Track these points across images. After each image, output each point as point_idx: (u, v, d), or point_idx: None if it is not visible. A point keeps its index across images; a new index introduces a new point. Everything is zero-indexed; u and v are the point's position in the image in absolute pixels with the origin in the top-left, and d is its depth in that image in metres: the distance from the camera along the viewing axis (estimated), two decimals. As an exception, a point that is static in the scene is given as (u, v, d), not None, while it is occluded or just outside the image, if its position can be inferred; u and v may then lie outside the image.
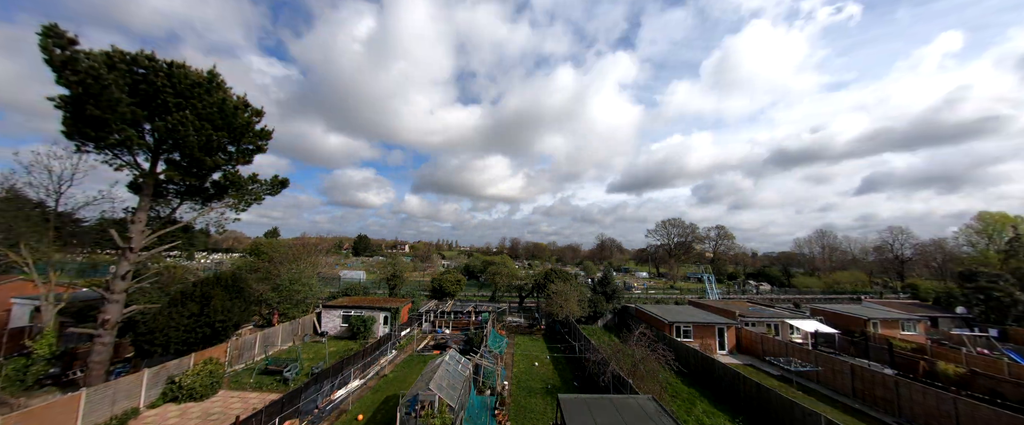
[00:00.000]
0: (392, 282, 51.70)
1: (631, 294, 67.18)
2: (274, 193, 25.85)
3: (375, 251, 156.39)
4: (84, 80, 16.80)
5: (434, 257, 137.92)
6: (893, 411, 20.37)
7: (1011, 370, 24.65)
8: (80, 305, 26.01)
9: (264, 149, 24.45)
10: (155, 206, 23.99)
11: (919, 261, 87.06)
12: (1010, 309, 39.34)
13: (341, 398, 20.75)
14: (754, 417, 19.45)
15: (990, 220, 68.95)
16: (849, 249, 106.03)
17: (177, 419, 18.01)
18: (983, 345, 34.01)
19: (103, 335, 19.92)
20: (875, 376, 21.91)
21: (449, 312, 42.15)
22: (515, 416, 19.21)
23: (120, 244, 20.70)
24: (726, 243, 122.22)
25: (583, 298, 42.63)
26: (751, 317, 36.50)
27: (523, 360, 29.45)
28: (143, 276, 25.23)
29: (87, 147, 20.31)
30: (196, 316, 23.11)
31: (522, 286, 54.52)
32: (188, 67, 20.17)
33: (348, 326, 34.96)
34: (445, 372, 18.94)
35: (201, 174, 23.05)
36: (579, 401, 14.43)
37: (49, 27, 16.59)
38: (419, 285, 60.64)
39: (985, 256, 63.32)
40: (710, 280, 73.87)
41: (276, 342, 30.14)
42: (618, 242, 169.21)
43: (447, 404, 16.34)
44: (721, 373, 23.28)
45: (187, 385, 19.70)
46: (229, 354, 24.88)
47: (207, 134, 20.25)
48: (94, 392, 16.71)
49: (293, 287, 35.89)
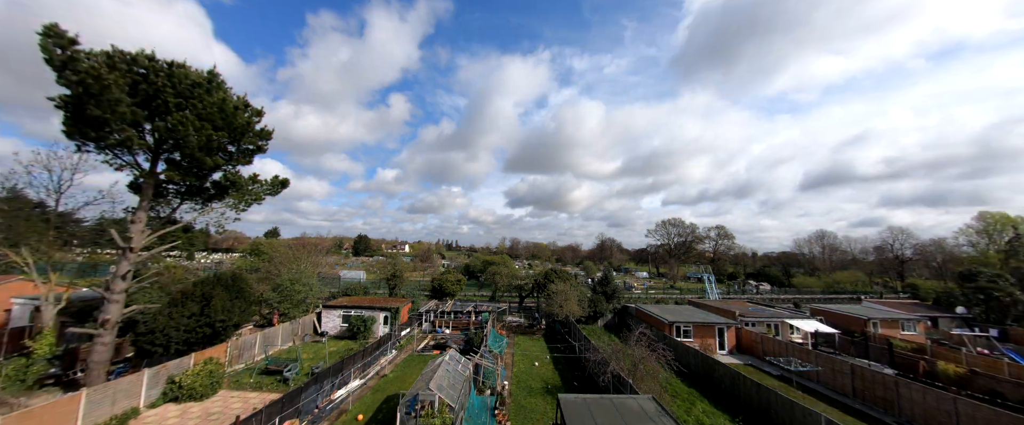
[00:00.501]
0: (392, 282, 51.74)
1: (631, 294, 67.17)
2: (274, 193, 25.86)
3: (375, 251, 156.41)
4: (84, 80, 16.77)
5: (434, 257, 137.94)
6: (893, 411, 20.36)
7: (1011, 370, 24.63)
8: (80, 305, 26.02)
9: (264, 149, 24.44)
10: (155, 206, 24.02)
11: (919, 261, 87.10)
12: (1010, 309, 39.34)
13: (341, 398, 20.74)
14: (754, 417, 19.43)
15: (990, 220, 68.87)
16: (849, 249, 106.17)
17: (177, 419, 18.00)
18: (983, 345, 34.00)
19: (103, 335, 19.90)
20: (875, 376, 21.90)
21: (449, 312, 42.16)
22: (515, 416, 19.20)
23: (120, 244, 20.69)
24: (726, 243, 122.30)
25: (583, 298, 42.65)
26: (751, 317, 36.50)
27: (523, 360, 29.44)
28: (143, 276, 25.26)
29: (87, 147, 20.34)
30: (196, 316, 23.13)
31: (522, 286, 54.52)
32: (188, 67, 20.17)
33: (348, 326, 34.95)
34: (445, 372, 18.94)
35: (201, 174, 23.06)
36: (579, 401, 14.43)
37: (49, 27, 16.57)
38: (419, 285, 60.63)
39: (985, 256, 63.26)
40: (710, 280, 73.82)
41: (276, 342, 30.14)
42: (618, 242, 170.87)
43: (447, 404, 16.34)
44: (721, 373, 23.27)
45: (187, 385, 19.70)
46: (229, 354, 24.90)
47: (207, 134, 20.23)
48: (94, 392, 16.72)
49: (293, 287, 35.91)
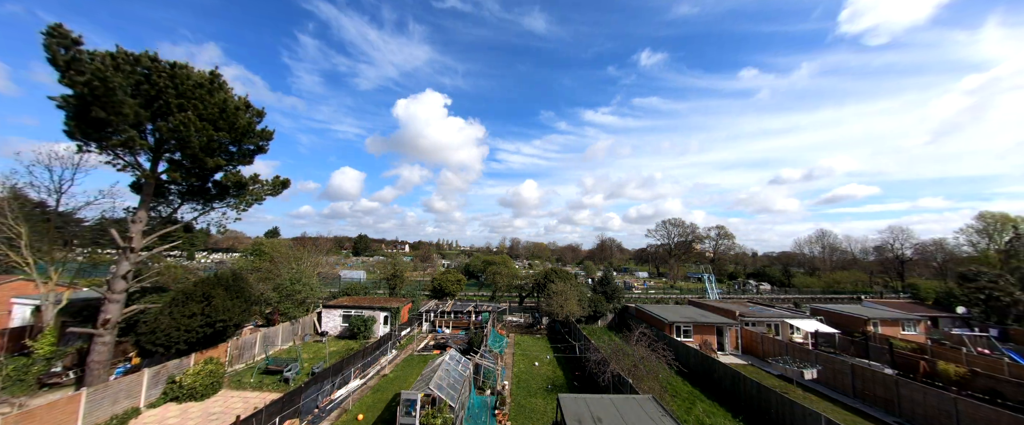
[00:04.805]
0: (392, 282, 51.78)
1: (631, 294, 67.09)
2: (275, 193, 25.92)
3: (375, 251, 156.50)
4: (90, 81, 16.79)
5: (434, 257, 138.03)
6: (894, 411, 20.37)
7: (1011, 370, 24.62)
8: (80, 305, 26.04)
9: (265, 149, 24.50)
10: (157, 206, 24.09)
11: (919, 261, 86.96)
12: (1010, 309, 39.36)
13: (341, 398, 20.76)
14: (754, 416, 19.44)
15: (991, 220, 68.82)
16: (849, 249, 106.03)
17: (178, 419, 18.02)
18: (983, 345, 34.01)
19: (104, 335, 19.94)
20: (876, 376, 21.92)
21: (449, 312, 42.14)
22: (515, 416, 19.21)
23: (121, 244, 20.73)
24: (726, 243, 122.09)
25: (583, 298, 42.65)
26: (751, 317, 36.50)
27: (523, 360, 29.46)
28: (144, 276, 25.28)
29: (89, 147, 20.38)
30: (197, 316, 23.14)
31: (522, 286, 54.49)
32: (190, 68, 20.19)
33: (348, 326, 34.99)
34: (445, 372, 18.97)
35: (203, 174, 23.12)
36: (579, 401, 14.46)
37: (54, 27, 16.58)
38: (419, 285, 60.66)
39: (985, 256, 63.26)
40: (710, 280, 73.67)
41: (276, 342, 30.17)
42: (618, 242, 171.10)
43: (447, 404, 16.37)
44: (721, 373, 23.28)
45: (188, 385, 19.72)
46: (230, 354, 24.93)
47: (209, 135, 20.27)
48: (94, 392, 16.75)
49: (294, 287, 35.94)
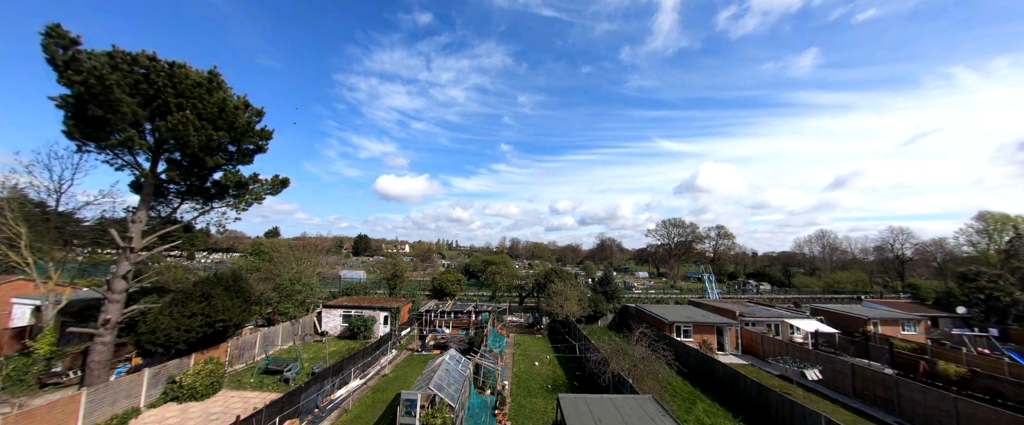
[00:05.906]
0: (392, 282, 51.79)
1: (631, 294, 67.10)
2: (275, 193, 25.92)
3: (375, 251, 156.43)
4: (87, 81, 16.77)
5: (434, 257, 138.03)
6: (894, 411, 20.36)
7: (1012, 370, 24.62)
8: (81, 305, 26.03)
9: (265, 149, 24.49)
10: (156, 205, 24.04)
11: (919, 261, 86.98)
12: (1010, 309, 39.33)
13: (342, 397, 20.74)
14: (754, 416, 19.44)
15: (991, 220, 68.77)
16: (849, 249, 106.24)
17: (178, 419, 18.01)
18: (984, 345, 34.00)
19: (104, 335, 19.91)
20: (876, 376, 21.91)
21: (449, 312, 42.12)
22: (515, 416, 19.21)
23: (120, 244, 20.70)
24: (726, 243, 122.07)
25: (583, 298, 42.66)
26: (751, 317, 36.49)
27: (523, 360, 29.45)
28: (144, 276, 25.25)
29: (88, 147, 20.36)
30: (197, 316, 23.12)
31: (522, 286, 54.49)
32: (189, 67, 20.17)
33: (348, 326, 34.98)
34: (445, 372, 18.95)
35: (202, 174, 23.09)
36: (579, 401, 14.45)
37: (52, 27, 16.56)
38: (419, 285, 60.66)
39: (985, 256, 63.24)
40: (710, 280, 73.68)
41: (277, 342, 30.16)
42: (618, 242, 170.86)
43: (447, 404, 16.35)
44: (721, 373, 23.27)
45: (188, 385, 19.71)
46: (230, 354, 24.92)
47: (208, 134, 20.25)
48: (95, 392, 16.74)
49: (294, 287, 35.93)
